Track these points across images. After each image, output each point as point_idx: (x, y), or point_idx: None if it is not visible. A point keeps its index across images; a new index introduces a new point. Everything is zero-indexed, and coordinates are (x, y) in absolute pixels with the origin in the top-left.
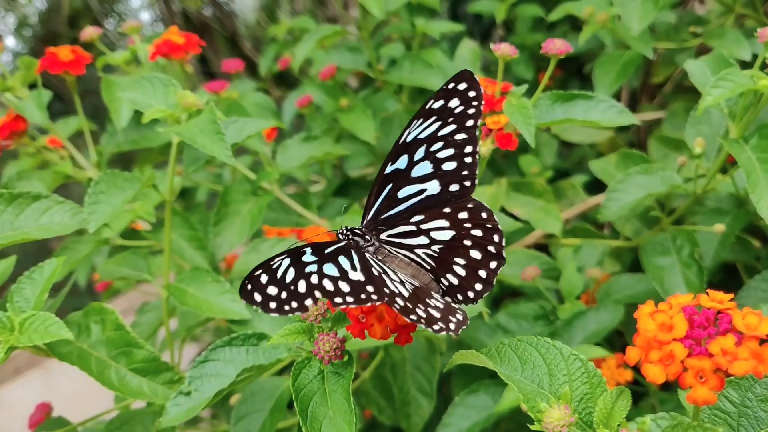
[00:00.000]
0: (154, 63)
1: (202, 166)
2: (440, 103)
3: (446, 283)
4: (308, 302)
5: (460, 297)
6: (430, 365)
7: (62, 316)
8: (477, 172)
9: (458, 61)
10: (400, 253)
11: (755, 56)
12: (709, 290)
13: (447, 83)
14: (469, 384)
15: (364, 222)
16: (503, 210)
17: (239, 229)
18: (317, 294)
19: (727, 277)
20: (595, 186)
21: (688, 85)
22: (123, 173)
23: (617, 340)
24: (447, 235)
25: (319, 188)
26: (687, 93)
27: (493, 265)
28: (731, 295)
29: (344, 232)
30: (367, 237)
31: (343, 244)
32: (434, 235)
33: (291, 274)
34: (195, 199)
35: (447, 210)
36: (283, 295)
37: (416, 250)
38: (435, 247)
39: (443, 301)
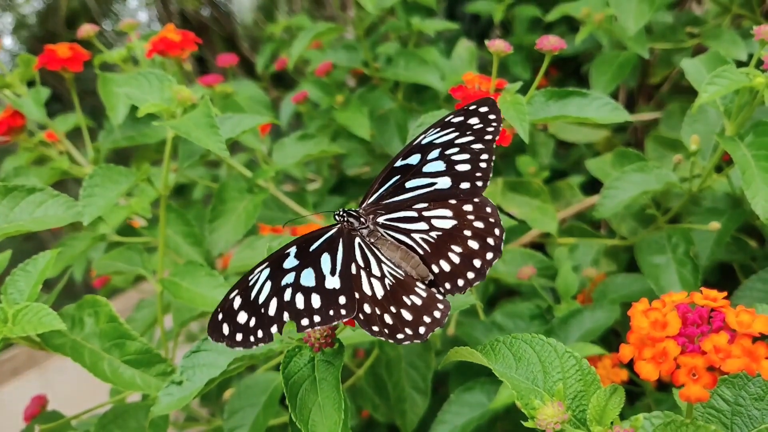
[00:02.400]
0: (150, 61)
1: (197, 162)
2: (460, 118)
3: (437, 270)
4: (273, 329)
5: (448, 285)
6: (425, 362)
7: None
8: (490, 175)
9: (455, 61)
10: (393, 236)
11: (751, 56)
12: (702, 288)
13: (469, 105)
14: (466, 382)
15: (363, 205)
16: (500, 209)
17: (235, 226)
18: (285, 316)
19: (724, 277)
20: (592, 186)
21: (686, 86)
22: (118, 167)
23: (614, 340)
24: (448, 224)
25: (316, 186)
26: (684, 93)
27: (489, 256)
28: (724, 293)
29: (340, 213)
30: (362, 219)
31: (332, 232)
32: (435, 222)
33: (266, 290)
34: (192, 196)
35: (452, 201)
36: (252, 322)
37: (413, 234)
38: (433, 234)
39: (425, 294)
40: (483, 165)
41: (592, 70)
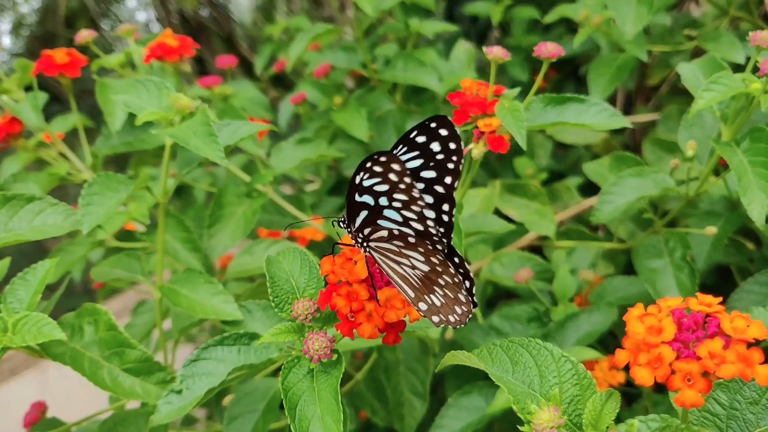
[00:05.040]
0: (148, 66)
1: (195, 168)
2: (423, 138)
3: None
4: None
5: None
6: (423, 367)
7: (57, 317)
8: (452, 234)
9: (454, 62)
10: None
11: (749, 59)
12: (698, 293)
13: (429, 121)
14: (464, 386)
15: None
16: (497, 212)
17: (233, 232)
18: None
19: (721, 280)
20: (590, 188)
21: (683, 88)
22: (116, 175)
23: (611, 342)
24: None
25: (315, 187)
26: (682, 95)
27: (464, 308)
28: (720, 299)
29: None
30: (359, 239)
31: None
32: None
33: None
34: (192, 195)
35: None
36: None
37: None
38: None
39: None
40: (445, 218)
41: (591, 73)
